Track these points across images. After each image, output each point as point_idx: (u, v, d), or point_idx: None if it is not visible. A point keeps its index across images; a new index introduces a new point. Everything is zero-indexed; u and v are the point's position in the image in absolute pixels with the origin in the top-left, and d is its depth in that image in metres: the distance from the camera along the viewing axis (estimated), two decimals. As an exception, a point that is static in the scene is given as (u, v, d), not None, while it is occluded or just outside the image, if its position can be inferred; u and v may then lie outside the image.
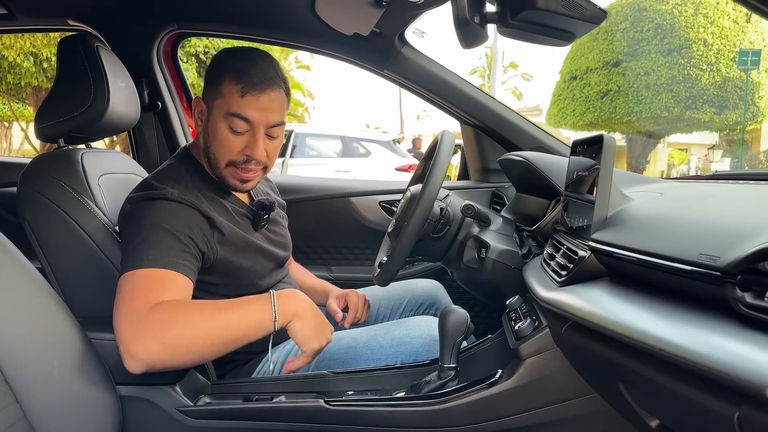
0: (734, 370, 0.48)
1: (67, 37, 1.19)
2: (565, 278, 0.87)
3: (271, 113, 1.09)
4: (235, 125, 1.08)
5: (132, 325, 0.90)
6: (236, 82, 1.06)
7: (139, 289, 0.94)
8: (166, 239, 1.00)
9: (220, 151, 1.11)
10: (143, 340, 0.89)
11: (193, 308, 0.95)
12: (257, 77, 1.07)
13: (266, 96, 1.08)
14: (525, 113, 4.23)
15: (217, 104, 1.09)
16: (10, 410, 0.84)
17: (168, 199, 1.05)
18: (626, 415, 0.81)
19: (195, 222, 1.05)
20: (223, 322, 0.94)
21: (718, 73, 12.08)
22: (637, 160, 14.32)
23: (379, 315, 1.45)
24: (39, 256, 1.11)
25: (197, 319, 0.93)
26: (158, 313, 0.91)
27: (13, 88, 8.38)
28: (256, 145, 1.09)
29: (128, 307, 0.93)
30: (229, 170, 1.13)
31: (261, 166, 1.14)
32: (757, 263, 0.53)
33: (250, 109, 1.07)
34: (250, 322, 0.96)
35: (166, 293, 0.95)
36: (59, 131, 1.18)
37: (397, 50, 1.66)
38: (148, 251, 0.97)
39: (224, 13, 1.72)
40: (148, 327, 0.90)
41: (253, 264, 1.18)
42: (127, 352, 0.89)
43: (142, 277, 0.96)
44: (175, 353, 0.91)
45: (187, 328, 0.91)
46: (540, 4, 0.88)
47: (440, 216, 1.22)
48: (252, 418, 1.05)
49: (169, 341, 0.90)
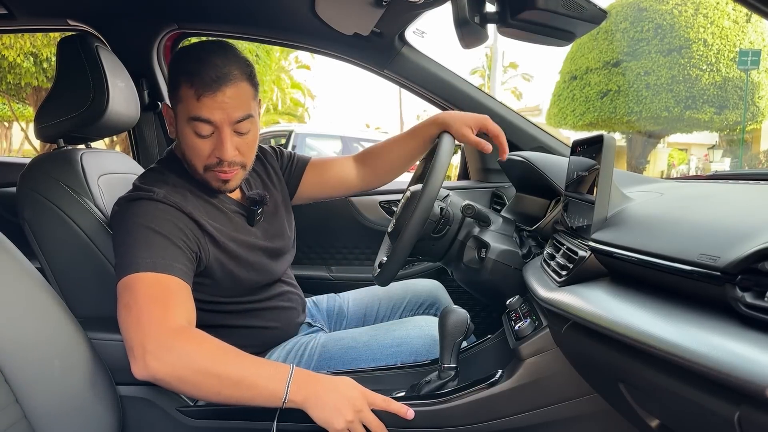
0: (734, 370, 0.48)
1: (66, 37, 1.19)
2: (565, 278, 0.87)
3: (232, 110, 1.03)
4: (199, 129, 1.04)
5: (155, 339, 0.89)
6: (190, 85, 1.02)
7: (150, 299, 0.93)
8: (157, 241, 0.98)
9: (193, 157, 1.08)
10: (164, 359, 0.88)
11: (219, 352, 0.92)
12: (209, 76, 1.01)
13: (222, 94, 1.02)
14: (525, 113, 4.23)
15: (179, 109, 1.06)
16: (10, 410, 0.84)
17: (153, 200, 1.03)
18: (626, 415, 0.81)
19: (183, 223, 1.03)
20: (238, 375, 0.90)
21: (718, 73, 12.08)
22: (637, 160, 14.33)
23: (379, 315, 1.45)
24: (38, 256, 1.11)
25: (218, 366, 0.90)
26: (185, 339, 0.90)
27: (13, 88, 8.37)
28: (223, 146, 1.05)
29: (146, 318, 0.91)
30: (208, 174, 1.10)
31: (238, 164, 1.10)
32: (757, 263, 0.53)
33: (208, 110, 1.02)
34: (261, 385, 0.91)
35: (176, 302, 0.94)
36: (59, 131, 1.18)
37: (397, 50, 1.66)
38: (143, 254, 0.96)
39: (224, 13, 1.72)
40: (171, 349, 0.89)
41: (250, 262, 1.16)
42: (143, 361, 0.88)
43: (145, 282, 0.94)
44: (183, 383, 0.90)
45: (205, 368, 0.89)
46: (540, 4, 0.88)
47: (440, 216, 1.22)
48: (252, 418, 1.04)
49: (184, 374, 0.88)
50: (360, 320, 1.43)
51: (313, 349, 1.19)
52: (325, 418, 0.91)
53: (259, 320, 1.20)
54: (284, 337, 1.25)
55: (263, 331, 1.21)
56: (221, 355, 0.92)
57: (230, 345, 0.94)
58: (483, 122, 1.25)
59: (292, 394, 0.90)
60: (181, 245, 1.00)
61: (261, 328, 1.20)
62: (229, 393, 0.90)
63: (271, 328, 1.22)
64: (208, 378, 0.89)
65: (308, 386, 0.92)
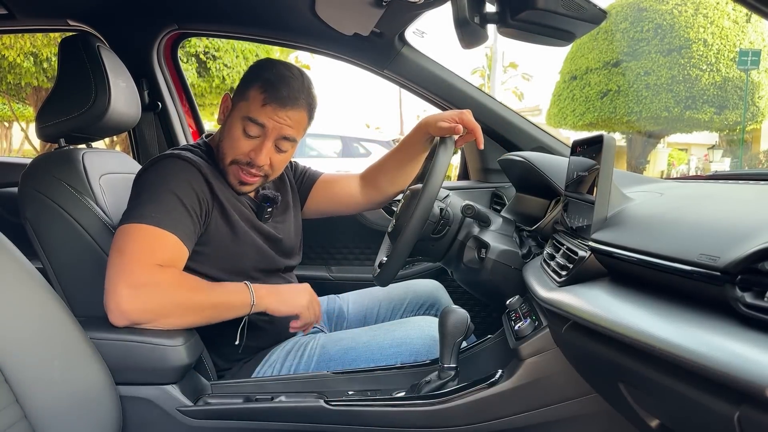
0: (734, 370, 0.48)
1: (68, 36, 1.19)
2: (565, 278, 0.87)
3: (284, 128, 1.14)
4: (249, 129, 1.14)
5: (130, 284, 0.97)
6: (262, 91, 1.12)
7: (140, 247, 1.00)
8: (168, 200, 1.05)
9: (228, 148, 1.16)
10: (136, 300, 0.96)
11: (190, 284, 1.04)
12: (282, 93, 1.12)
13: (284, 112, 1.13)
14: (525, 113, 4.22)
15: (240, 106, 1.15)
16: (10, 410, 0.84)
17: (176, 158, 1.12)
18: (626, 415, 0.81)
19: (198, 184, 1.11)
20: (214, 301, 1.05)
21: (718, 73, 12.07)
22: (637, 160, 14.32)
23: (379, 316, 1.45)
24: (40, 255, 1.11)
25: (191, 295, 1.02)
26: (160, 277, 0.99)
27: (13, 88, 8.37)
28: (261, 152, 1.14)
29: (128, 263, 0.98)
30: (232, 168, 1.17)
31: (262, 173, 1.18)
32: (757, 263, 0.53)
33: (266, 118, 1.12)
34: (234, 301, 1.07)
35: (165, 255, 1.02)
36: (60, 131, 1.18)
37: (397, 50, 1.66)
38: (152, 208, 1.03)
39: (224, 13, 1.72)
40: (144, 286, 0.98)
41: (251, 240, 1.20)
42: (117, 306, 0.97)
43: (143, 233, 1.01)
44: (160, 319, 1.00)
45: (180, 302, 1.01)
46: (540, 4, 0.88)
47: (440, 216, 1.22)
48: (252, 418, 1.05)
49: (160, 309, 0.99)
50: (360, 322, 1.43)
51: (312, 350, 1.19)
52: (287, 305, 1.12)
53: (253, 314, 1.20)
54: (285, 336, 1.25)
55: (257, 322, 1.21)
56: (192, 286, 1.03)
57: (198, 279, 1.06)
58: (459, 116, 1.25)
59: (258, 299, 1.08)
60: (190, 209, 1.07)
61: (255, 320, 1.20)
62: (209, 314, 1.05)
63: (265, 322, 1.22)
64: (185, 311, 1.02)
65: (269, 289, 1.12)
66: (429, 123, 1.29)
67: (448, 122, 1.23)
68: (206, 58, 8.36)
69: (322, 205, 1.48)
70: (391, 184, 1.44)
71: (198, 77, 8.44)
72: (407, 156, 1.39)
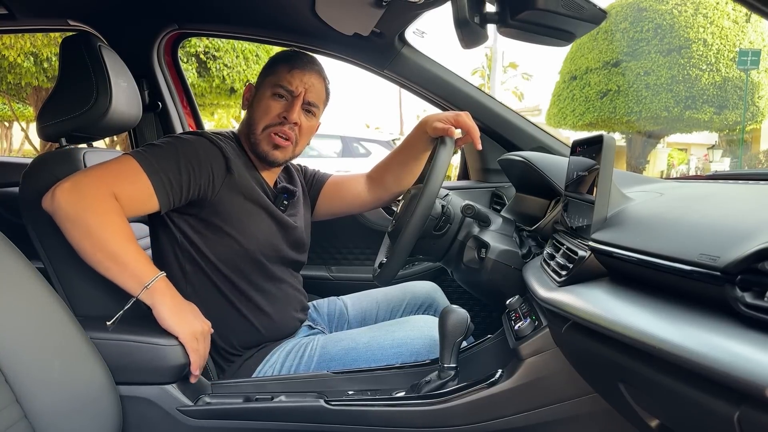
0: (734, 370, 0.48)
1: (69, 36, 1.19)
2: (565, 278, 0.87)
3: (311, 91, 1.24)
4: (280, 92, 1.23)
5: (77, 182, 1.01)
6: (286, 63, 1.24)
7: (111, 169, 1.06)
8: (172, 159, 1.10)
9: (260, 118, 1.23)
10: (69, 195, 0.99)
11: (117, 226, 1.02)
12: (303, 60, 1.25)
13: (309, 75, 1.24)
14: (525, 113, 4.22)
15: (267, 81, 1.25)
16: (10, 410, 0.84)
17: (199, 135, 1.18)
18: (626, 415, 0.81)
19: (211, 157, 1.15)
20: (118, 249, 1.01)
21: (718, 73, 12.07)
22: (637, 160, 14.32)
23: (378, 318, 1.45)
24: (41, 255, 1.11)
25: (106, 233, 1.01)
26: (103, 200, 1.02)
27: (14, 88, 8.36)
28: (293, 109, 1.21)
29: (92, 172, 1.04)
30: (264, 134, 1.23)
31: (294, 134, 1.24)
32: (757, 263, 0.53)
33: (295, 81, 1.22)
34: (132, 267, 1.02)
35: (125, 190, 1.05)
36: (61, 130, 1.18)
37: (397, 50, 1.66)
38: (151, 153, 1.09)
39: (224, 13, 1.72)
40: (85, 194, 1.00)
41: (260, 221, 1.22)
42: (54, 188, 1.00)
43: (124, 162, 1.07)
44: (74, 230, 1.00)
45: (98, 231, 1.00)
46: (540, 4, 0.88)
47: (442, 213, 1.22)
48: (252, 418, 1.05)
49: (80, 221, 1.00)
50: (359, 324, 1.43)
51: (312, 350, 1.19)
52: (177, 319, 1.02)
53: (252, 305, 1.21)
54: (284, 335, 1.25)
55: (256, 315, 1.21)
56: (117, 229, 1.02)
57: (131, 233, 1.04)
58: (455, 117, 1.26)
59: (154, 290, 1.01)
60: (183, 169, 1.10)
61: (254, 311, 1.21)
62: (101, 257, 1.01)
63: (265, 315, 1.22)
64: (92, 236, 1.00)
65: (173, 291, 1.05)
66: (427, 122, 1.31)
67: (444, 123, 1.24)
68: (206, 58, 8.37)
69: (332, 207, 1.51)
70: (397, 182, 1.46)
71: (198, 77, 8.44)
72: (410, 155, 1.41)
